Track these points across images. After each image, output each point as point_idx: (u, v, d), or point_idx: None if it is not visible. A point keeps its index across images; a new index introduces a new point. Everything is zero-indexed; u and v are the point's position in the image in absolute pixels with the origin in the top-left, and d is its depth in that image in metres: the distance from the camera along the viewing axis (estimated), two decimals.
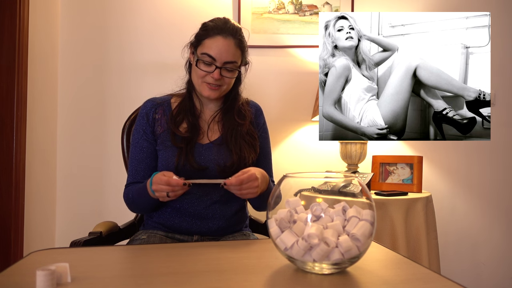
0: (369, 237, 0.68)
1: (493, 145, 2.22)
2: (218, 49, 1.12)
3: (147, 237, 1.15)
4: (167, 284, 0.65)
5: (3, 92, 1.71)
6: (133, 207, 1.20)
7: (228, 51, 1.13)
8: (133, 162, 1.21)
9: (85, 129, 2.05)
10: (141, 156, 1.20)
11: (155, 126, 1.21)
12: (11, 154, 1.70)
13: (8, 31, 1.71)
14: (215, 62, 1.13)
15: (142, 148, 1.20)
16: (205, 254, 0.85)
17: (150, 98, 1.27)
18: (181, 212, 1.17)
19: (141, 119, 1.22)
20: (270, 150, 1.32)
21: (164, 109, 1.23)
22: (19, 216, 1.71)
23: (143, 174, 1.19)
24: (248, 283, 0.66)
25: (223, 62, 1.13)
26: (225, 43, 1.12)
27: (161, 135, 1.19)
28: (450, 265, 2.17)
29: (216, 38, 1.13)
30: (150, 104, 1.24)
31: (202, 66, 1.14)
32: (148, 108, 1.23)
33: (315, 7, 2.13)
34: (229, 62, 1.14)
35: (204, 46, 1.14)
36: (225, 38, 1.12)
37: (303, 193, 0.75)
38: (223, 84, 1.17)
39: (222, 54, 1.12)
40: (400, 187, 1.81)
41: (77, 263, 0.76)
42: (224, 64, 1.13)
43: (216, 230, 1.17)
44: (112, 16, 2.07)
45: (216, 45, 1.12)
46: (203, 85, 1.16)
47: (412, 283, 0.66)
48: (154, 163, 1.20)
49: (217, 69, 1.13)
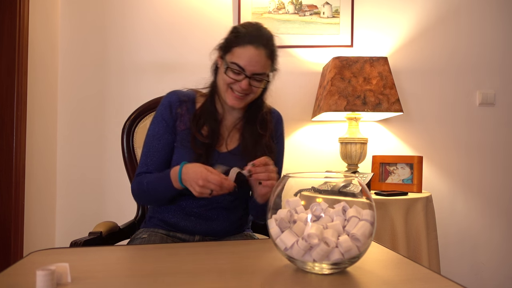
0: (369, 237, 0.68)
1: (493, 145, 2.22)
2: (249, 60, 1.07)
3: (148, 235, 1.14)
4: (167, 284, 0.65)
5: (3, 92, 1.71)
6: (145, 197, 1.15)
7: (258, 62, 1.08)
8: (149, 151, 1.16)
9: (85, 129, 2.05)
10: (159, 146, 1.15)
11: (177, 121, 1.16)
12: (11, 154, 1.70)
13: (8, 31, 1.71)
14: (245, 72, 1.08)
15: (161, 138, 1.15)
16: (205, 254, 0.85)
17: (174, 90, 1.21)
18: (186, 212, 1.16)
19: (164, 109, 1.17)
20: (282, 163, 1.29)
21: (188, 107, 1.18)
22: (19, 216, 1.71)
23: (157, 166, 1.15)
24: (248, 283, 0.66)
25: (252, 73, 1.08)
26: (256, 53, 1.07)
27: (181, 132, 1.16)
28: (450, 265, 2.17)
29: (247, 48, 1.06)
30: (175, 97, 1.19)
31: (230, 74, 1.09)
32: (173, 100, 1.18)
33: (315, 7, 2.13)
34: (259, 74, 1.09)
35: (234, 54, 1.08)
36: (257, 49, 1.07)
37: (303, 193, 0.75)
38: (250, 94, 1.13)
39: (252, 65, 1.07)
40: (400, 187, 1.81)
41: (77, 263, 0.76)
42: (254, 75, 1.09)
43: (219, 231, 1.17)
44: (112, 16, 2.07)
45: (246, 55, 1.07)
46: (229, 92, 1.12)
47: (412, 283, 0.66)
48: (169, 156, 1.16)
49: (246, 79, 1.08)
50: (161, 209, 1.20)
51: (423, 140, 2.19)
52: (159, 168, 1.15)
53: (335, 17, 2.14)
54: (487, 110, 2.22)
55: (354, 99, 1.78)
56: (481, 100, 2.20)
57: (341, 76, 1.83)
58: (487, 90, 2.22)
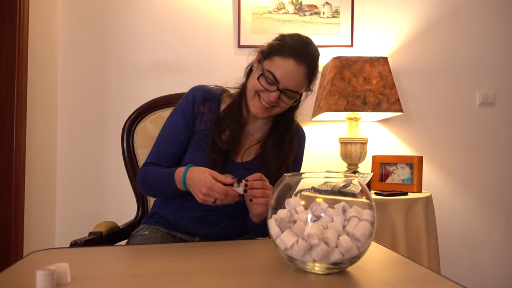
0: (369, 237, 0.68)
1: (493, 145, 2.22)
2: (286, 74, 1.01)
3: (149, 232, 1.14)
4: (167, 284, 0.65)
5: (3, 92, 1.71)
6: (147, 190, 1.13)
7: (295, 79, 1.02)
8: (162, 143, 1.13)
9: (85, 129, 2.05)
10: (173, 140, 1.12)
11: (197, 119, 1.12)
12: (11, 154, 1.70)
13: (8, 31, 1.71)
14: (278, 84, 1.02)
15: (177, 132, 1.12)
16: (205, 254, 0.85)
17: (200, 86, 1.16)
18: (187, 214, 1.14)
19: (187, 103, 1.13)
20: None
21: (212, 107, 1.14)
22: (19, 216, 1.71)
23: (167, 159, 1.12)
24: (248, 283, 0.66)
25: (286, 88, 1.03)
26: (296, 69, 1.01)
27: (199, 133, 1.12)
28: (450, 265, 2.17)
29: (289, 61, 1.01)
30: (201, 93, 1.14)
31: (263, 82, 1.04)
32: (198, 96, 1.13)
33: (315, 7, 2.13)
34: (292, 91, 1.04)
35: (272, 63, 1.03)
36: (298, 65, 1.01)
37: (303, 193, 0.75)
38: (277, 107, 1.07)
39: (288, 80, 1.02)
40: (400, 187, 1.81)
41: (77, 263, 0.76)
42: (286, 90, 1.03)
43: (218, 236, 1.15)
44: (112, 17, 2.07)
45: (285, 68, 1.01)
46: (255, 99, 1.06)
47: (412, 283, 0.66)
48: (181, 152, 1.14)
49: (277, 92, 1.03)
50: (163, 207, 1.18)
51: (423, 140, 2.19)
52: (168, 162, 1.13)
53: (335, 17, 2.14)
54: (487, 110, 2.22)
55: (354, 99, 1.78)
56: (481, 100, 2.20)
57: (341, 76, 1.83)
58: (487, 90, 2.22)
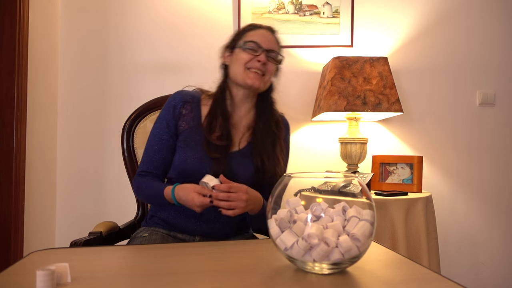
0: (369, 237, 0.68)
1: (493, 145, 2.22)
2: (263, 37, 1.17)
3: (149, 234, 1.15)
4: (167, 284, 0.65)
5: (3, 92, 1.71)
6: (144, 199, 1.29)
7: (271, 41, 1.19)
8: (149, 151, 1.20)
9: (85, 129, 2.05)
10: (158, 147, 1.19)
11: (180, 120, 1.19)
12: (11, 154, 1.70)
13: (8, 31, 1.71)
14: (261, 47, 1.16)
15: (161, 139, 1.19)
16: (205, 254, 0.85)
17: (179, 91, 1.25)
18: (186, 214, 1.16)
19: (167, 110, 1.20)
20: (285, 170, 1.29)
21: (193, 107, 1.21)
22: (19, 216, 1.71)
23: (157, 165, 1.19)
24: (248, 283, 0.66)
25: (268, 48, 1.16)
26: (268, 34, 1.19)
27: (184, 132, 1.18)
28: (450, 265, 2.17)
29: (259, 30, 1.20)
30: (179, 97, 1.21)
31: (248, 51, 1.16)
32: (177, 101, 1.21)
33: (315, 7, 2.13)
34: (273, 51, 1.17)
35: (247, 36, 1.18)
36: (267, 31, 1.20)
37: (303, 193, 0.75)
38: (266, 73, 1.17)
39: (267, 42, 1.17)
40: (400, 187, 1.81)
41: (77, 263, 0.76)
42: (269, 52, 1.17)
43: (220, 233, 1.17)
44: (112, 17, 2.07)
45: (259, 34, 1.18)
46: (246, 73, 1.16)
47: (412, 283, 0.66)
48: (169, 156, 1.20)
49: (263, 52, 1.15)
50: (162, 209, 1.20)
51: (423, 140, 2.19)
52: (159, 168, 1.20)
53: (335, 17, 2.14)
54: (487, 110, 2.22)
55: (354, 99, 1.78)
56: (481, 100, 2.20)
57: (341, 76, 1.83)
58: (487, 90, 2.22)
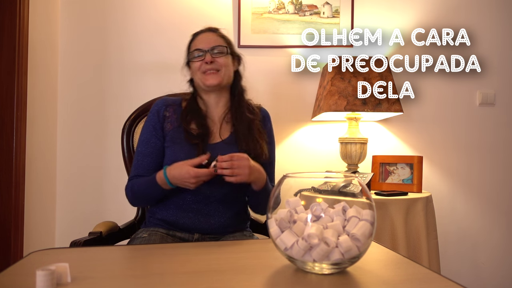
0: (369, 237, 0.68)
1: (493, 145, 2.22)
2: (203, 40, 1.25)
3: (148, 235, 1.16)
4: (167, 284, 0.65)
5: (3, 92, 1.71)
6: (137, 200, 1.23)
7: (210, 39, 1.25)
8: (138, 156, 1.23)
9: (85, 129, 2.05)
10: (148, 150, 1.22)
11: (164, 123, 1.24)
12: (11, 154, 1.70)
13: (8, 31, 1.71)
14: (203, 50, 1.23)
15: (149, 143, 1.23)
16: (205, 254, 0.85)
17: (161, 98, 1.33)
18: (184, 208, 1.19)
19: (152, 116, 1.26)
20: (275, 157, 1.36)
21: (175, 109, 1.27)
22: (19, 216, 1.71)
23: (148, 169, 1.21)
24: (248, 283, 0.66)
25: (209, 48, 1.23)
26: (206, 35, 1.27)
27: (170, 132, 1.23)
28: (450, 265, 2.17)
29: (199, 36, 1.28)
30: (162, 102, 1.28)
31: (196, 60, 1.24)
32: (160, 106, 1.27)
33: (315, 7, 2.13)
34: (216, 46, 1.23)
35: (192, 46, 1.27)
36: (207, 33, 1.28)
37: (303, 193, 0.75)
38: (220, 68, 1.23)
39: (206, 42, 1.24)
40: (400, 187, 1.81)
41: (77, 263, 0.76)
42: (212, 49, 1.23)
43: (217, 227, 1.19)
44: (112, 16, 2.06)
45: (200, 39, 1.26)
46: (202, 76, 1.23)
47: (412, 283, 0.66)
48: (159, 159, 1.22)
49: (207, 53, 1.22)
50: (160, 208, 1.22)
51: (423, 140, 2.19)
52: (149, 171, 1.21)
53: (335, 17, 2.14)
54: (487, 110, 2.22)
55: (354, 99, 1.78)
56: (481, 100, 2.20)
57: (341, 76, 1.83)
58: (487, 90, 2.21)
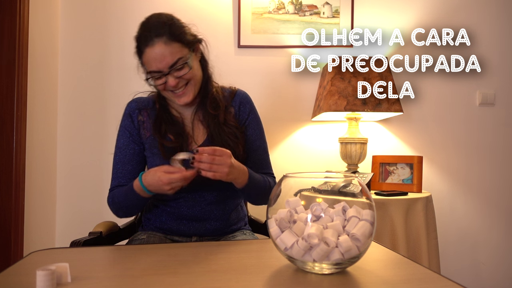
0: (369, 237, 0.68)
1: (493, 145, 2.22)
2: (154, 62, 1.05)
3: (147, 237, 1.15)
4: (167, 284, 0.65)
5: (3, 92, 1.71)
6: (120, 211, 1.15)
7: (165, 54, 1.04)
8: (117, 165, 1.16)
9: (85, 129, 2.05)
10: (127, 158, 1.16)
11: (140, 128, 1.17)
12: (11, 154, 1.70)
13: (8, 31, 1.70)
14: (163, 72, 1.05)
15: (128, 149, 1.16)
16: (205, 254, 0.85)
17: (134, 99, 1.23)
18: (177, 216, 1.16)
19: (125, 120, 1.19)
20: (264, 142, 1.24)
21: (149, 113, 1.18)
22: (19, 216, 1.71)
23: (129, 177, 1.14)
24: (248, 283, 0.66)
25: (168, 66, 1.05)
26: (155, 51, 1.04)
27: (148, 139, 1.16)
28: (450, 265, 2.17)
29: (147, 52, 1.05)
30: (134, 105, 1.20)
31: (156, 82, 1.09)
32: (132, 109, 1.19)
33: (315, 7, 2.13)
34: (175, 63, 1.05)
35: (144, 63, 1.09)
36: (153, 47, 1.04)
37: (303, 193, 0.75)
38: (188, 81, 1.09)
39: (161, 61, 1.04)
40: (400, 187, 1.81)
41: (77, 263, 0.76)
42: (171, 68, 1.05)
43: (214, 231, 1.17)
44: (112, 16, 2.06)
45: (150, 59, 1.05)
46: (171, 95, 1.11)
47: (412, 283, 0.66)
48: (141, 165, 1.17)
49: (168, 76, 1.06)
50: (153, 214, 1.19)
51: (423, 140, 2.19)
52: (130, 179, 1.13)
53: (335, 17, 2.14)
54: (487, 110, 2.22)
55: (354, 99, 1.78)
56: (481, 100, 2.20)
57: (341, 76, 1.83)
58: (487, 90, 2.21)
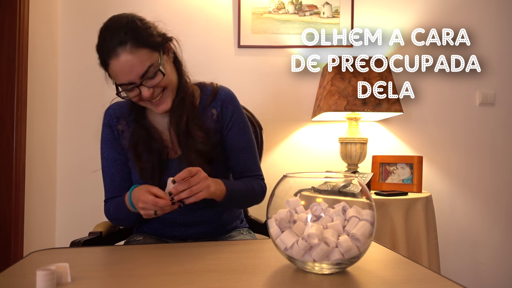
0: (369, 237, 0.68)
1: (492, 145, 2.22)
2: (122, 74, 0.95)
3: (143, 238, 1.15)
4: (167, 284, 0.65)
5: (3, 92, 1.70)
6: (119, 223, 1.15)
7: (131, 68, 0.94)
8: (107, 177, 1.13)
9: (85, 129, 2.04)
10: (114, 169, 1.12)
11: (120, 138, 1.12)
12: (11, 154, 1.70)
13: (8, 31, 1.70)
14: (135, 83, 0.96)
15: (114, 160, 1.12)
16: (205, 254, 0.85)
17: (111, 105, 1.16)
18: (170, 223, 1.13)
19: (105, 129, 1.13)
20: (250, 142, 1.15)
21: (128, 122, 1.12)
22: (19, 216, 1.71)
23: (121, 187, 1.12)
24: (248, 283, 0.66)
25: (138, 78, 0.95)
26: (121, 63, 0.93)
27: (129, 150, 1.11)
28: (450, 265, 2.17)
29: (112, 64, 0.95)
30: (112, 112, 1.14)
31: (129, 94, 1.00)
32: (110, 117, 1.13)
33: (315, 7, 2.13)
34: (146, 73, 0.95)
35: (112, 77, 1.00)
36: (118, 58, 0.93)
37: (303, 193, 0.75)
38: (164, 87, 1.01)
39: (130, 75, 0.94)
40: (400, 187, 1.81)
41: (77, 263, 0.76)
42: (142, 78, 0.95)
43: (209, 233, 1.15)
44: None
45: (117, 71, 0.95)
46: (148, 104, 1.04)
47: (412, 283, 0.66)
48: (128, 173, 1.13)
49: (141, 87, 0.97)
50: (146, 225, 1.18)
51: (423, 140, 2.19)
52: (122, 190, 1.10)
53: (335, 17, 2.14)
54: (487, 110, 2.22)
55: (354, 99, 1.78)
56: (481, 100, 2.20)
57: (341, 76, 1.83)
58: (487, 90, 2.21)
